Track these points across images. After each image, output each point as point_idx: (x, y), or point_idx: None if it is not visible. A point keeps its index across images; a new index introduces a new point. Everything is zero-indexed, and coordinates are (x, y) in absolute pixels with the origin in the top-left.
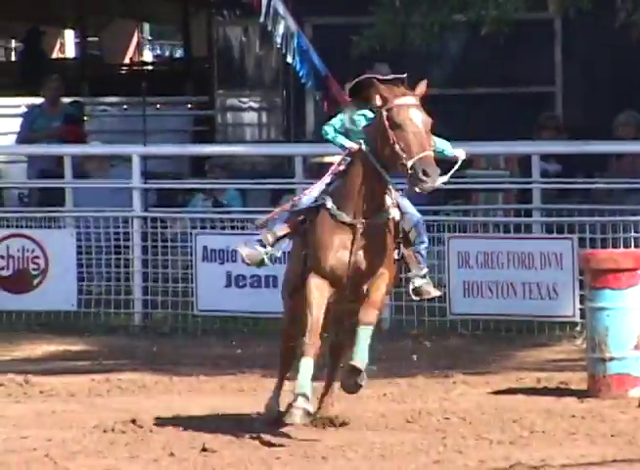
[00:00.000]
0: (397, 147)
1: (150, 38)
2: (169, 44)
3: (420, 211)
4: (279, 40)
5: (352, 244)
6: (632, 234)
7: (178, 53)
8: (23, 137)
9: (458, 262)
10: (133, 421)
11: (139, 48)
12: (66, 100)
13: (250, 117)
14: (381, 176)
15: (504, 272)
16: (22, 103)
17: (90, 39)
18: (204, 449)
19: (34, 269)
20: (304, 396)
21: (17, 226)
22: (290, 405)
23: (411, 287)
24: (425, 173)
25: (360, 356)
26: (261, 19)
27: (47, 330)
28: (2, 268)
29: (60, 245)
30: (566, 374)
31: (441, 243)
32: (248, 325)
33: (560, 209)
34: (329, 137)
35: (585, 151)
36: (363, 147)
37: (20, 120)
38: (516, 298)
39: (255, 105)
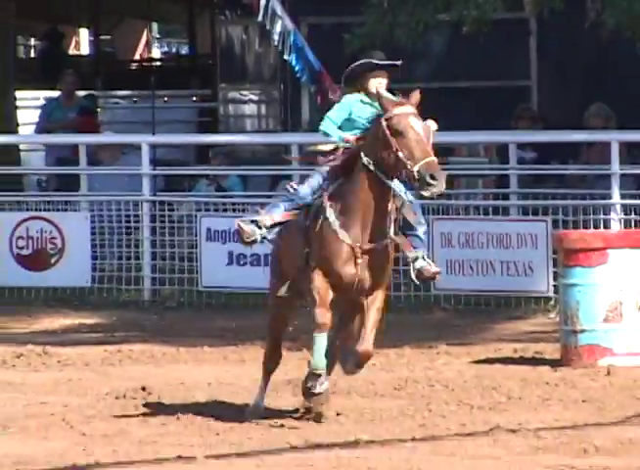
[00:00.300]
0: (401, 154)
1: (158, 36)
2: (176, 42)
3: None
4: (276, 38)
5: (356, 263)
6: (601, 216)
7: (184, 50)
8: (42, 127)
9: (441, 242)
10: (143, 388)
11: (148, 45)
12: (80, 93)
13: (250, 108)
14: (385, 187)
15: (484, 252)
16: (41, 96)
17: (103, 37)
18: (207, 414)
19: (52, 249)
20: (319, 374)
21: (36, 209)
22: (306, 385)
23: (412, 271)
24: (432, 177)
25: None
26: (260, 18)
27: (63, 305)
28: (22, 248)
29: (75, 226)
30: (540, 345)
31: (426, 224)
32: (248, 300)
33: (535, 193)
34: (327, 133)
35: (559, 140)
36: (364, 160)
37: (38, 112)
38: (494, 275)
39: (255, 98)
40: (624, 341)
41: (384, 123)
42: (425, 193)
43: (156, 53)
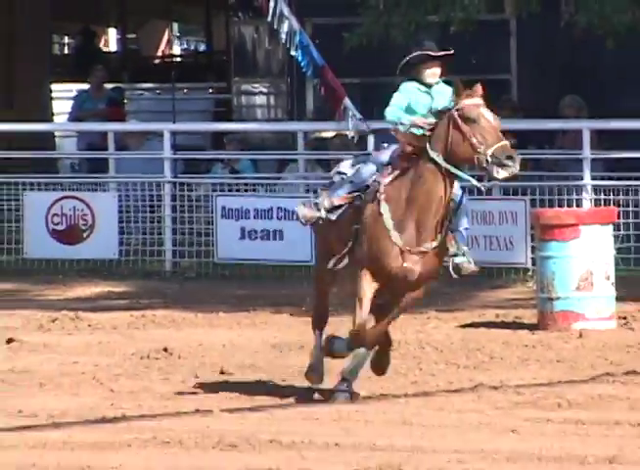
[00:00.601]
0: (474, 140)
1: (178, 35)
2: (194, 40)
3: None
4: (284, 37)
5: (404, 263)
6: (574, 196)
7: (201, 47)
8: (74, 117)
9: None
10: (165, 349)
11: (169, 43)
12: (109, 86)
13: (260, 99)
14: (448, 181)
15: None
16: (74, 89)
17: (129, 36)
18: (222, 372)
19: (83, 225)
20: (349, 381)
21: (69, 189)
22: (336, 388)
23: (451, 266)
24: (509, 158)
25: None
26: (269, 19)
27: (94, 275)
28: (57, 224)
29: (104, 205)
30: (519, 311)
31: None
32: (259, 271)
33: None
34: (394, 120)
35: (536, 127)
36: (431, 153)
37: (71, 103)
38: (479, 249)
39: (265, 90)
40: (595, 307)
41: (455, 114)
42: (500, 174)
43: (176, 50)
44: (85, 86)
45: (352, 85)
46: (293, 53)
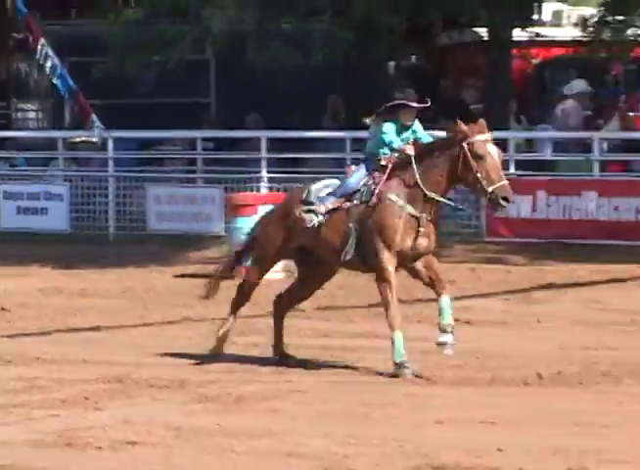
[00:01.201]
0: (479, 175)
1: None
2: None
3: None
4: (48, 70)
5: (417, 231)
6: (255, 184)
7: None
8: None
9: (153, 201)
10: None
11: None
12: None
13: (32, 114)
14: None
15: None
16: None
17: None
18: (2, 309)
19: None
20: (406, 361)
21: None
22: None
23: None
24: (505, 199)
25: (448, 319)
26: (38, 57)
27: None
28: None
29: None
30: (217, 265)
31: (143, 189)
32: (30, 237)
33: (215, 169)
34: (392, 141)
35: (228, 136)
36: (422, 187)
37: None
38: (189, 222)
39: (35, 107)
40: None
41: (465, 146)
42: (496, 211)
43: None
44: None
45: (97, 105)
46: (54, 81)
